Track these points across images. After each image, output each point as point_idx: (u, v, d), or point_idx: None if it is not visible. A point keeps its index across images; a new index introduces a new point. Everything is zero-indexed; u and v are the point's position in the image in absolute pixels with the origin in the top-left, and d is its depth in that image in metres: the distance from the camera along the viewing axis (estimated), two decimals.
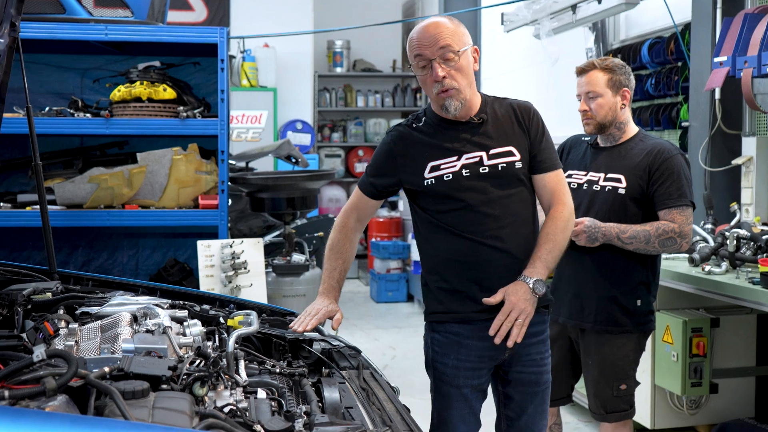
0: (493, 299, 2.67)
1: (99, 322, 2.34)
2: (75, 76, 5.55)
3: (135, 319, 2.38)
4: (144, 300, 2.64)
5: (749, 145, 4.56)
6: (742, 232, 3.81)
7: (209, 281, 4.93)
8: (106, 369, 1.81)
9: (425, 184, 2.75)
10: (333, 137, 11.83)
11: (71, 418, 1.54)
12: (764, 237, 3.72)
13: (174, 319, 2.37)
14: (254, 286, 4.97)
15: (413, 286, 9.21)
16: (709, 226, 4.24)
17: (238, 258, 4.92)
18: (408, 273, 9.39)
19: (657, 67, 5.55)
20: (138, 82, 5.05)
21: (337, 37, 11.60)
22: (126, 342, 2.12)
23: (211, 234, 5.15)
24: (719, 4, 4.57)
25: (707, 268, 3.80)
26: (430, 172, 2.74)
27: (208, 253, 5.00)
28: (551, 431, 3.72)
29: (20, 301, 2.50)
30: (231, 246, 4.93)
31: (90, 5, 5.10)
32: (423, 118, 2.86)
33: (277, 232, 6.14)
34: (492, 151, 2.74)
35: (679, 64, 5.28)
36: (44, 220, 3.05)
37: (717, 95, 4.58)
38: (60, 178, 5.09)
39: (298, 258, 5.39)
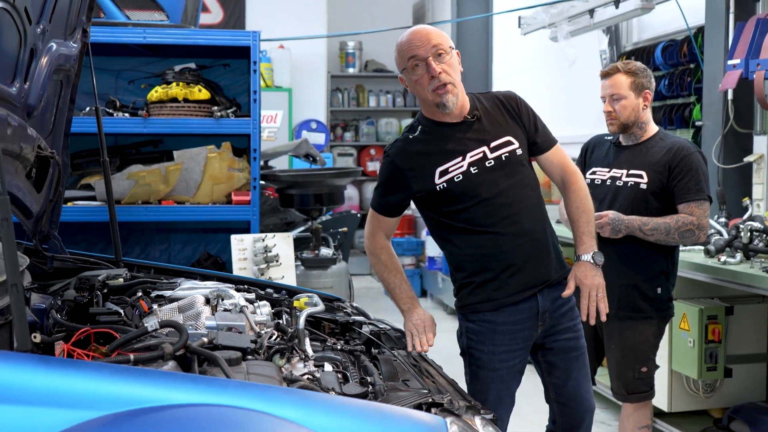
0: (568, 290, 2.87)
1: (176, 303, 2.57)
2: (110, 77, 5.76)
3: (207, 300, 2.61)
4: (210, 285, 2.87)
5: (760, 144, 4.76)
6: (756, 224, 4.02)
7: (242, 273, 5.14)
8: (205, 339, 2.04)
9: (438, 189, 2.88)
10: (345, 136, 12.03)
11: (191, 378, 1.77)
12: None
13: (246, 300, 2.60)
14: (285, 278, 5.19)
15: (427, 282, 9.42)
16: (722, 219, 4.44)
17: (270, 251, 5.13)
18: (422, 269, 9.59)
19: (670, 69, 5.76)
20: (174, 83, 5.26)
21: (349, 38, 11.80)
22: (209, 319, 2.35)
23: (239, 230, 5.36)
24: (732, 9, 4.78)
25: (723, 258, 4.01)
26: (440, 176, 2.87)
27: (241, 246, 5.21)
28: None
29: (98, 286, 2.73)
30: (263, 240, 5.15)
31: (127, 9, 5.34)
32: (418, 128, 2.98)
33: (301, 228, 6.35)
34: (492, 144, 2.89)
35: (692, 66, 5.48)
36: (111, 215, 3.26)
37: (730, 96, 4.77)
38: (99, 175, 5.30)
39: (325, 252, 5.61)
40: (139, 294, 2.63)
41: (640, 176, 3.63)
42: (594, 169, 3.81)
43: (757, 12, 4.68)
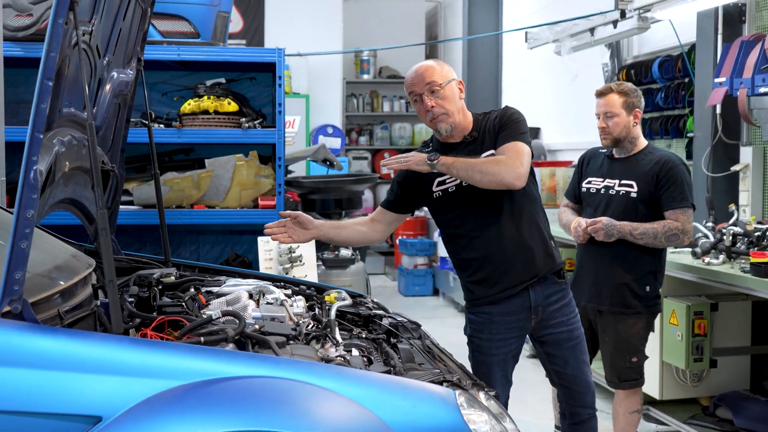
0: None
1: (223, 297, 3.00)
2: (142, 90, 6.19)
3: (250, 295, 3.04)
4: (252, 282, 3.30)
5: (746, 154, 5.16)
6: (737, 229, 4.42)
7: (268, 272, 5.56)
8: (257, 326, 2.48)
9: (434, 197, 3.37)
10: (360, 140, 12.45)
11: (250, 355, 2.21)
12: (756, 234, 4.32)
13: (284, 295, 3.03)
14: (308, 277, 5.60)
15: (439, 281, 9.82)
16: (710, 224, 4.83)
17: (294, 252, 5.55)
18: (434, 268, 9.98)
19: (666, 82, 6.15)
20: (205, 97, 5.69)
21: (364, 46, 12.22)
22: (255, 311, 2.78)
23: (263, 232, 5.77)
24: (720, 31, 5.19)
25: (707, 260, 4.41)
26: (437, 186, 3.35)
27: (267, 248, 5.63)
28: None
29: (154, 283, 3.16)
30: None
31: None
32: (430, 144, 3.48)
33: None
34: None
35: (686, 80, 5.88)
36: (161, 218, 3.70)
37: (718, 110, 5.17)
38: (136, 181, 5.73)
39: (345, 252, 6.03)
40: (196, 290, 3.06)
41: (631, 186, 4.04)
42: (589, 178, 4.22)
43: (743, 34, 5.08)
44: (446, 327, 8.20)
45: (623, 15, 5.47)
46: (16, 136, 4.59)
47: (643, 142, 4.13)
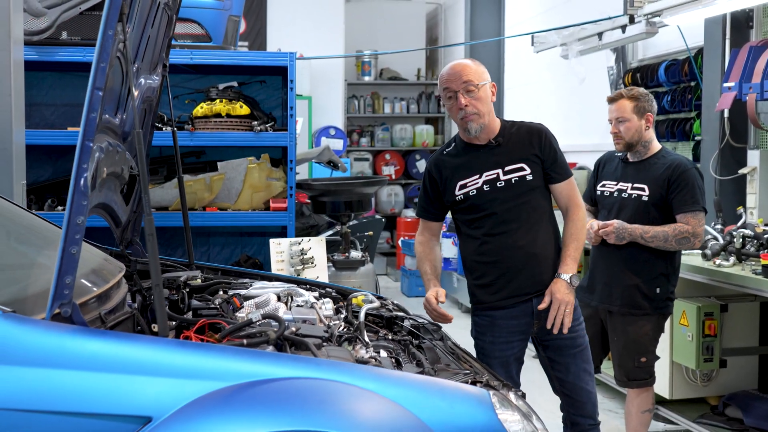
0: (543, 304, 3.34)
1: (252, 300, 3.06)
2: None
3: (278, 298, 3.10)
4: (278, 285, 3.35)
5: (754, 157, 5.24)
6: (747, 231, 4.50)
7: (280, 274, 5.62)
8: (293, 328, 2.54)
9: (456, 199, 3.43)
10: (361, 142, 12.50)
11: (292, 357, 2.27)
12: (766, 236, 4.40)
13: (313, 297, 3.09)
14: (319, 278, 5.66)
15: (442, 282, 9.81)
16: (719, 226, 4.91)
17: (306, 254, 5.61)
18: None
19: (672, 86, 6.23)
20: (218, 100, 5.75)
21: (365, 47, 12.29)
22: (286, 314, 2.84)
23: (272, 233, 5.84)
24: (728, 36, 5.27)
25: (717, 261, 4.48)
26: (459, 189, 3.41)
27: (279, 249, 5.68)
28: None
29: (182, 286, 3.22)
30: (299, 243, 5.64)
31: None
32: (453, 144, 3.53)
33: (330, 233, 6.83)
34: (506, 168, 3.38)
35: (692, 83, 5.95)
36: (185, 222, 3.75)
37: (726, 114, 5.24)
38: (151, 184, 5.80)
39: (355, 254, 6.10)
40: (224, 293, 3.12)
41: (643, 189, 4.11)
42: (604, 182, 4.29)
43: (751, 39, 5.16)
44: (450, 327, 8.21)
45: (632, 20, 5.54)
46: (30, 139, 4.63)
47: (656, 146, 4.19)
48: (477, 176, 3.40)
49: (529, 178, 3.39)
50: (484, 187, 3.38)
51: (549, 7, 8.83)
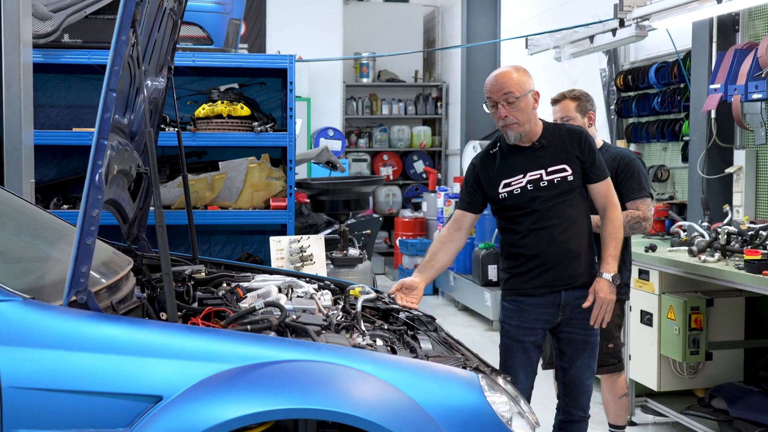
0: (587, 302, 3.55)
1: (255, 292, 3.21)
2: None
3: (279, 290, 3.25)
4: (279, 278, 3.51)
5: (740, 157, 5.39)
6: (732, 228, 4.64)
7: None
8: (294, 316, 2.69)
9: (500, 197, 3.60)
10: (360, 143, 12.64)
11: (294, 341, 2.42)
12: (750, 233, 4.55)
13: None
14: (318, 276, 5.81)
15: (439, 280, 10.01)
16: (705, 224, 5.06)
17: (305, 251, 5.76)
18: None
19: (662, 88, 6.38)
20: (219, 101, 5.90)
21: (363, 49, 12.43)
22: (287, 304, 2.99)
23: (272, 232, 5.99)
24: (714, 39, 5.42)
25: (703, 257, 4.63)
26: (503, 188, 3.58)
27: (279, 247, 5.83)
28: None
29: (186, 279, 3.37)
30: (299, 241, 5.78)
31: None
32: (498, 144, 3.69)
33: (328, 231, 6.97)
34: (549, 169, 3.56)
35: (682, 85, 6.10)
36: (189, 219, 3.90)
37: (713, 115, 5.40)
38: None
39: (353, 252, 6.24)
40: (228, 285, 3.27)
41: None
42: None
43: (737, 42, 5.32)
44: (447, 325, 8.34)
45: (622, 24, 5.70)
46: (36, 139, 4.75)
47: (599, 142, 4.41)
48: (521, 176, 3.58)
49: (570, 178, 3.57)
50: (528, 186, 3.56)
51: (543, 10, 8.99)
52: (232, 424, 2.16)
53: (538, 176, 3.56)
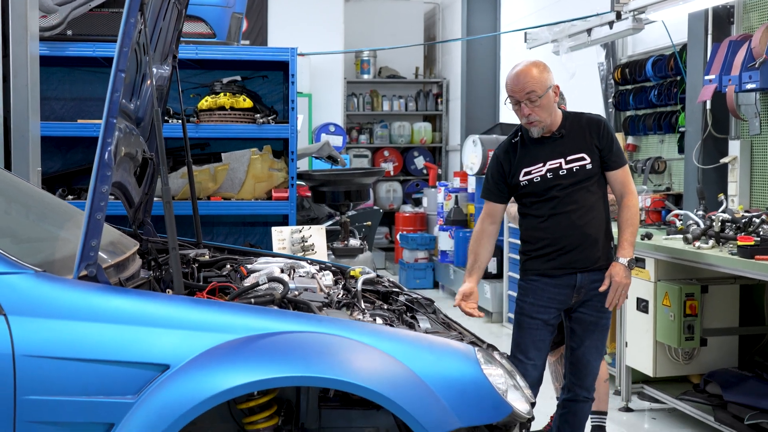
0: (604, 285, 3.66)
1: (258, 273, 3.29)
2: None
3: (282, 270, 3.34)
4: (281, 260, 3.59)
5: (734, 147, 5.47)
6: (726, 216, 4.73)
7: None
8: (296, 293, 2.77)
9: (521, 185, 3.71)
10: (360, 139, 12.73)
11: (296, 314, 2.51)
12: (743, 220, 4.63)
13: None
14: None
15: (439, 274, 10.10)
16: (701, 212, 5.14)
17: (307, 241, 5.84)
18: (434, 262, 10.26)
19: (659, 80, 6.46)
20: (222, 94, 5.98)
21: (364, 46, 12.51)
22: (290, 283, 3.07)
23: (274, 223, 6.07)
24: (710, 31, 5.50)
25: (698, 244, 4.71)
26: (524, 176, 3.70)
27: (281, 237, 5.91)
28: (558, 363, 4.61)
29: (191, 261, 3.46)
30: (300, 231, 5.87)
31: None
32: (519, 134, 3.79)
33: (329, 223, 7.06)
34: (569, 158, 3.67)
35: (678, 78, 6.18)
36: (194, 207, 3.99)
37: (708, 106, 5.48)
38: (156, 174, 6.02)
39: (354, 242, 6.33)
40: (231, 266, 3.36)
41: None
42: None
43: (732, 34, 5.40)
44: (445, 307, 8.46)
45: (619, 16, 5.78)
46: (41, 130, 4.82)
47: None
48: (541, 164, 3.69)
49: (589, 167, 3.68)
50: (548, 174, 3.67)
51: (542, 6, 9.07)
52: (237, 391, 2.25)
53: (558, 165, 3.67)
